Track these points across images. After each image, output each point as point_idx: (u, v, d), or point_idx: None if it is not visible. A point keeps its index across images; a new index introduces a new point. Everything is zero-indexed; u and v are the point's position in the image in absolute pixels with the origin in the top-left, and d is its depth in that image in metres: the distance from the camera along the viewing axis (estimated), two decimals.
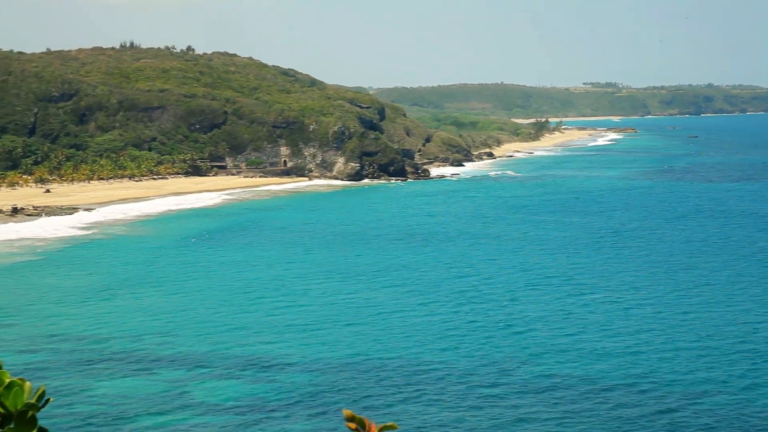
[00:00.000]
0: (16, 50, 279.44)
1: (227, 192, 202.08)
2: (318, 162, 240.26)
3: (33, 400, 3.78)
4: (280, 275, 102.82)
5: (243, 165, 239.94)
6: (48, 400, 3.84)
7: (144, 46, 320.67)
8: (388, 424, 3.49)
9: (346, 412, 3.48)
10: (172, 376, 63.38)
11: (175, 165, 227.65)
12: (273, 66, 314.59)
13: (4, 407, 3.51)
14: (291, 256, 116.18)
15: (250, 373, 64.25)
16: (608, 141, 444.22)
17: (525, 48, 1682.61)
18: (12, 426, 3.69)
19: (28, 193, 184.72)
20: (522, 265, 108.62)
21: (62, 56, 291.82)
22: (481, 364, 67.11)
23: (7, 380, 3.79)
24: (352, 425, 3.37)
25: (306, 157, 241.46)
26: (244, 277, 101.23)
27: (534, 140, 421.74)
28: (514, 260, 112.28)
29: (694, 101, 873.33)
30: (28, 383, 3.81)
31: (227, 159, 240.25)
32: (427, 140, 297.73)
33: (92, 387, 60.45)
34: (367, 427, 3.39)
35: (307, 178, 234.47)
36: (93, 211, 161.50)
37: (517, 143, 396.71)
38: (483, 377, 63.63)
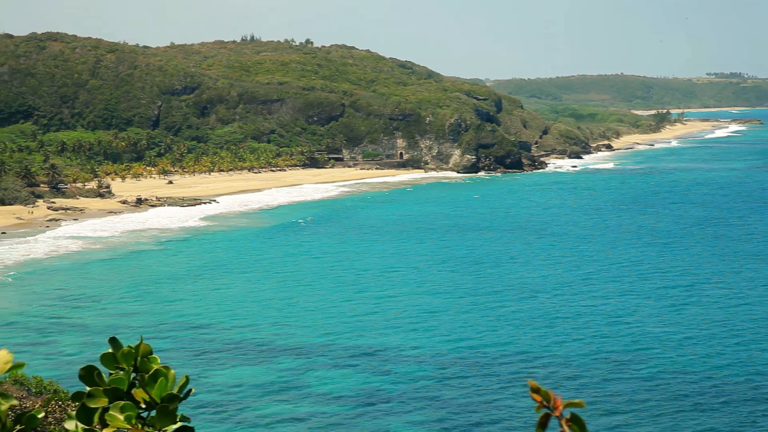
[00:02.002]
0: (141, 44, 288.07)
1: (344, 184, 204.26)
2: (434, 154, 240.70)
3: (176, 390, 3.94)
4: (392, 265, 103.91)
5: (360, 157, 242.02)
6: (190, 390, 4.01)
7: (264, 39, 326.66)
8: (575, 401, 3.50)
9: (532, 383, 3.49)
10: (287, 365, 64.82)
11: (293, 157, 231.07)
12: (390, 58, 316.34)
13: (149, 395, 3.85)
14: (404, 246, 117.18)
15: (363, 363, 65.26)
16: (731, 133, 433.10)
17: (645, 38, 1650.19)
18: (155, 414, 3.84)
19: (152, 184, 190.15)
20: (635, 258, 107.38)
21: (185, 50, 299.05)
22: (590, 353, 66.82)
23: (155, 367, 3.98)
24: (537, 397, 3.39)
25: (422, 149, 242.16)
26: (358, 267, 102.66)
27: (654, 132, 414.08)
28: (627, 253, 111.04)
29: None
30: (172, 371, 4.01)
31: (344, 151, 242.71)
32: (545, 132, 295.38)
33: (211, 375, 62.30)
34: (552, 401, 3.39)
35: (423, 170, 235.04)
36: (214, 203, 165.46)
37: (637, 135, 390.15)
38: (594, 369, 63.31)
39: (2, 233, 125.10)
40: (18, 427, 3.66)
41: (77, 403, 3.82)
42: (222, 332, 74.03)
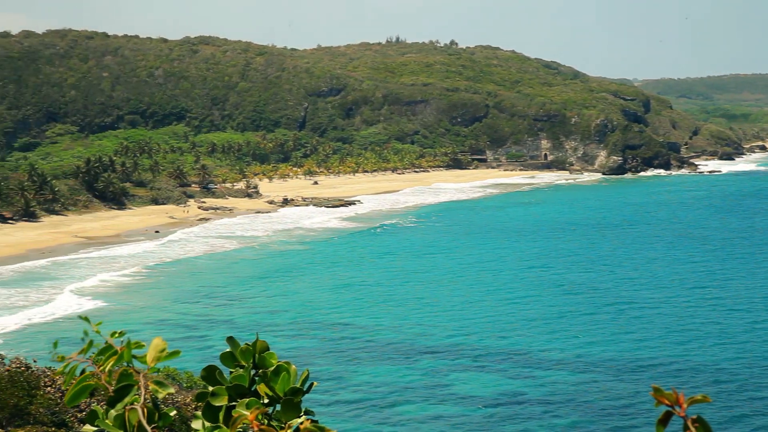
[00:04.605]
0: (289, 47, 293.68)
1: (486, 184, 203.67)
2: (579, 155, 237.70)
3: (298, 385, 4.03)
4: (531, 265, 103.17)
5: (503, 158, 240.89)
6: (312, 384, 4.10)
7: (409, 40, 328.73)
8: (699, 396, 3.48)
9: (655, 386, 3.50)
10: (431, 366, 64.93)
11: (437, 158, 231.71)
12: (535, 59, 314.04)
13: (273, 390, 3.97)
14: (543, 246, 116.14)
15: (507, 367, 64.84)
16: None
17: None
18: (279, 409, 3.92)
19: (298, 185, 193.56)
20: None
21: (331, 52, 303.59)
22: (729, 359, 64.71)
23: (275, 362, 4.09)
24: (662, 399, 3.39)
25: (567, 150, 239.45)
26: (496, 267, 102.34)
27: None
28: None
29: None
30: (293, 366, 4.09)
31: (487, 152, 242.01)
32: (694, 133, 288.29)
33: (354, 374, 62.92)
34: (675, 398, 3.39)
35: (567, 171, 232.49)
36: (357, 203, 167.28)
37: None
38: (734, 376, 61.30)
39: (156, 232, 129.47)
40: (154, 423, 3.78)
41: (201, 403, 3.94)
42: (362, 332, 74.78)
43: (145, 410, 3.67)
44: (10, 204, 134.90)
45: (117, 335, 3.84)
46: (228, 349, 4.17)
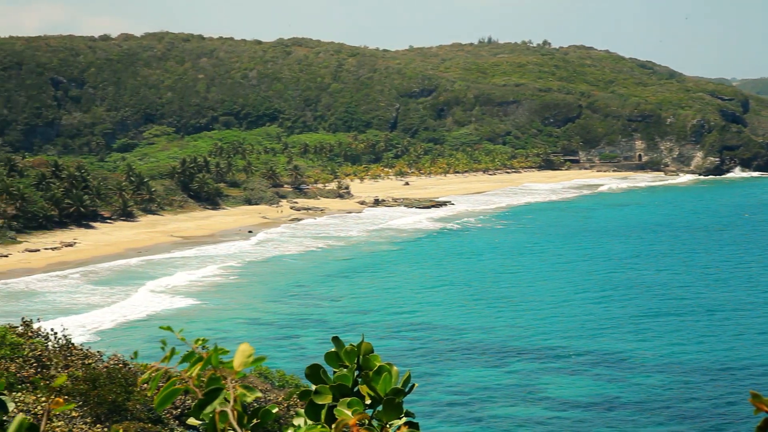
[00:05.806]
0: (381, 48, 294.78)
1: (580, 185, 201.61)
2: (674, 156, 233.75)
3: (399, 385, 4.05)
4: (620, 267, 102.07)
5: (596, 159, 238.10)
6: (413, 385, 4.15)
7: (501, 41, 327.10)
8: None
9: (753, 393, 3.49)
10: (522, 368, 64.59)
11: (528, 159, 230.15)
12: (630, 58, 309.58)
13: (374, 391, 3.99)
14: (638, 249, 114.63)
15: (598, 369, 64.15)
16: None
17: None
18: (380, 410, 3.96)
19: (389, 185, 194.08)
20: None
21: (423, 53, 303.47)
22: None
23: (378, 364, 4.09)
24: (761, 405, 3.36)
25: (662, 151, 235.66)
26: (587, 269, 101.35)
27: None
28: None
29: None
30: (395, 367, 4.10)
31: (580, 153, 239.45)
32: None
33: (445, 375, 62.92)
34: None
35: (662, 173, 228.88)
36: (449, 204, 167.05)
37: None
38: None
39: (249, 231, 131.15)
40: (254, 421, 3.81)
41: (305, 401, 3.98)
42: (452, 332, 74.74)
43: (235, 413, 3.67)
44: (108, 204, 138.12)
45: (200, 342, 3.88)
46: (333, 349, 4.18)
